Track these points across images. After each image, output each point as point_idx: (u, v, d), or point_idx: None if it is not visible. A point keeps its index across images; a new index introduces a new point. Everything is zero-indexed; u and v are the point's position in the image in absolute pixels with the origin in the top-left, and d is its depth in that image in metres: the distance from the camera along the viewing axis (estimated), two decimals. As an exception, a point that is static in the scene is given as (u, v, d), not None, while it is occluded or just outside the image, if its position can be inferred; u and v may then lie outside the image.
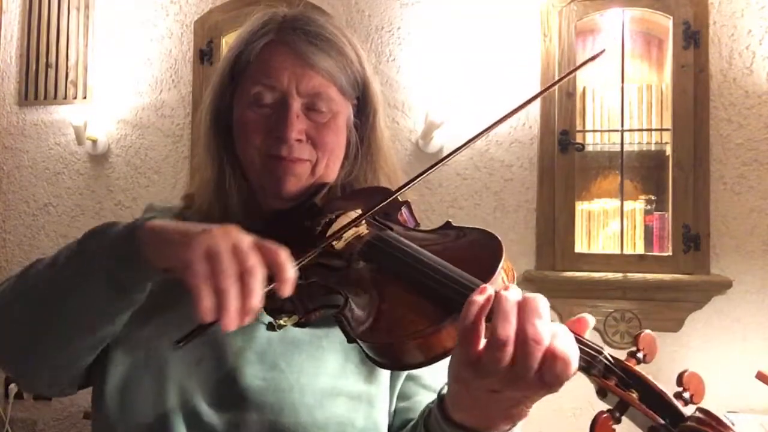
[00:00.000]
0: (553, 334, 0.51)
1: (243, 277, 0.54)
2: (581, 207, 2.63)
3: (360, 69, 0.86)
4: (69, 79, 2.97)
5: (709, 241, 2.43)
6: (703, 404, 0.50)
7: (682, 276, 2.41)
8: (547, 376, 0.50)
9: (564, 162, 2.54)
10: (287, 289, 0.56)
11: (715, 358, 2.40)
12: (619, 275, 2.45)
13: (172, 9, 2.92)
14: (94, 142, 2.89)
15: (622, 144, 2.58)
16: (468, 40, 2.63)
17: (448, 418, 0.61)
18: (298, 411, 0.73)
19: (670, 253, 2.45)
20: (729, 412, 2.27)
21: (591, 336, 0.54)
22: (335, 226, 0.76)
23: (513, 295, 0.52)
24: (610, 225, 2.62)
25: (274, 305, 0.73)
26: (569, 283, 2.50)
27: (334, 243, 0.69)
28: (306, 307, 0.70)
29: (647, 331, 0.54)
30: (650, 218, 2.57)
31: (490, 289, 0.53)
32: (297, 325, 0.72)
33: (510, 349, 0.50)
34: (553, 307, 2.55)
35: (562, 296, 2.51)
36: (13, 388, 2.79)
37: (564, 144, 2.53)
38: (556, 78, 2.55)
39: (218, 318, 0.53)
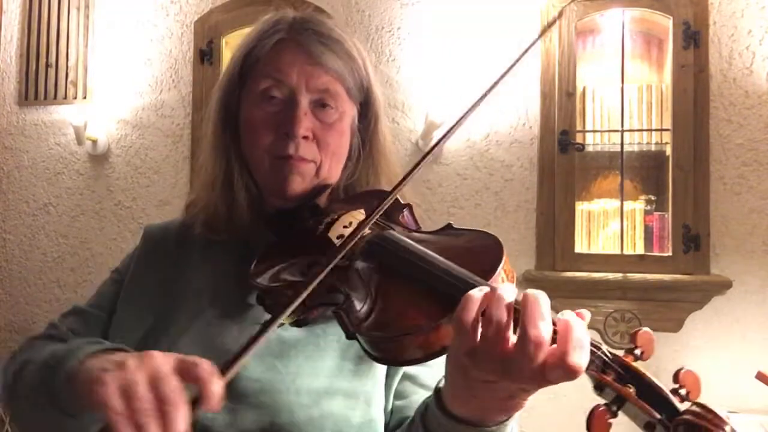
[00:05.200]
0: (563, 336, 0.51)
1: (163, 408, 0.51)
2: (581, 207, 2.63)
3: (365, 74, 0.88)
4: (69, 79, 2.97)
5: (709, 241, 2.43)
6: (701, 401, 0.50)
7: (682, 276, 2.41)
8: (551, 375, 0.50)
9: (564, 162, 2.54)
10: (214, 406, 0.52)
11: (715, 358, 2.40)
12: (619, 275, 2.45)
13: (172, 9, 2.92)
14: (94, 142, 2.89)
15: (622, 144, 2.58)
16: (468, 40, 2.63)
17: (445, 409, 0.61)
18: (293, 410, 0.73)
19: (670, 254, 2.45)
20: (729, 412, 2.26)
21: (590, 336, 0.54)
22: (337, 226, 0.77)
23: (509, 293, 0.52)
24: (610, 225, 2.62)
25: (275, 304, 0.73)
26: (569, 283, 2.50)
27: (336, 242, 0.69)
28: (305, 304, 0.70)
29: (645, 328, 0.55)
30: (650, 218, 2.57)
31: (488, 287, 0.54)
32: (295, 324, 0.72)
33: (505, 344, 0.50)
34: (553, 308, 2.56)
35: (562, 296, 2.51)
36: (13, 388, 2.79)
37: (564, 144, 2.53)
38: (556, 78, 2.55)
39: None
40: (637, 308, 2.46)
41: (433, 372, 0.79)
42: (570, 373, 0.50)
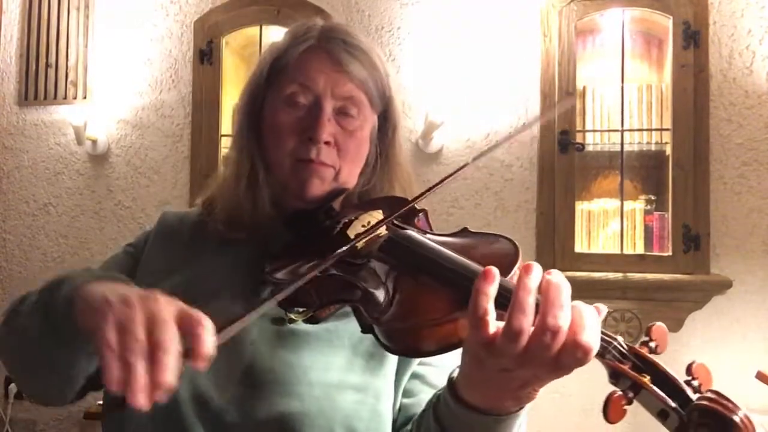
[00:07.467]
0: (575, 321, 0.53)
1: (155, 353, 0.50)
2: (581, 207, 2.63)
3: (387, 85, 0.92)
4: (69, 79, 2.97)
5: (709, 241, 2.43)
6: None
7: (682, 276, 2.41)
8: (565, 360, 0.52)
9: (564, 162, 2.54)
10: (201, 365, 0.51)
11: (715, 358, 2.39)
12: (619, 275, 2.45)
13: (172, 9, 2.92)
14: (94, 142, 2.88)
15: (622, 144, 2.58)
16: (468, 40, 2.63)
17: (458, 397, 0.63)
18: (305, 401, 0.75)
19: (670, 253, 2.45)
20: (729, 412, 2.27)
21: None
22: (356, 225, 0.81)
23: (532, 282, 0.53)
24: (610, 225, 2.61)
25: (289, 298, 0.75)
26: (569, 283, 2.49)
27: (356, 243, 0.72)
28: (321, 300, 0.72)
29: (659, 323, 0.57)
30: (650, 218, 2.57)
31: (497, 275, 0.54)
32: (308, 320, 0.74)
33: (524, 338, 0.52)
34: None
35: (562, 296, 2.50)
36: (12, 388, 2.79)
37: (564, 144, 2.53)
38: (556, 78, 2.55)
39: (124, 391, 0.49)
40: (637, 308, 2.46)
41: (440, 372, 0.81)
42: (582, 357, 0.51)
